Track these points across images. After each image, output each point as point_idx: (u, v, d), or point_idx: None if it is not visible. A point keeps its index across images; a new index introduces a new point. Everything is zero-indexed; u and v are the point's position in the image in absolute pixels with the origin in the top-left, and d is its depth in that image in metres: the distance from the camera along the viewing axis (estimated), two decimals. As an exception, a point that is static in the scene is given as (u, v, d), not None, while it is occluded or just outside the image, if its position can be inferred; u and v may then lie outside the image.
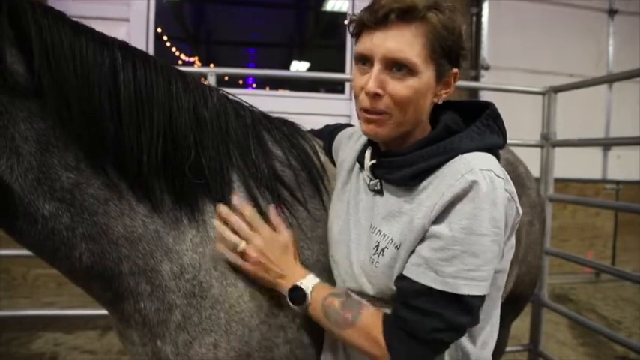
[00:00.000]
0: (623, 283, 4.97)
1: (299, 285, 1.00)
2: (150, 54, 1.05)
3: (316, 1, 9.16)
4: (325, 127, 1.44)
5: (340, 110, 4.57)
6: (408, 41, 0.85)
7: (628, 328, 3.98)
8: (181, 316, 1.02)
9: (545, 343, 2.93)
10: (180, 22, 9.74)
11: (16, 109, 0.86)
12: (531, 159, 2.36)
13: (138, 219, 0.99)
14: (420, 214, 0.87)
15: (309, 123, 1.43)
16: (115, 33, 0.97)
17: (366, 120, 0.91)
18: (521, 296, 1.99)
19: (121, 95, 0.94)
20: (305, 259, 1.13)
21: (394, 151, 0.96)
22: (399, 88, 0.86)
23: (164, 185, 1.01)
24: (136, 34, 4.23)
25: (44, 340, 3.25)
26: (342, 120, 3.85)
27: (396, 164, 0.93)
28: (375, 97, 0.87)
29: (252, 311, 1.05)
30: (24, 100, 0.87)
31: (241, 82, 7.92)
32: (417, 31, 0.85)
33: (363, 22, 0.89)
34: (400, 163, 0.92)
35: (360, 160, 1.05)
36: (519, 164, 1.94)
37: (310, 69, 10.91)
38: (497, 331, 1.01)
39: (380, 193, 0.99)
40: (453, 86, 0.94)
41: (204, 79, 2.44)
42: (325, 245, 1.15)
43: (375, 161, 0.99)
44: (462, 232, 0.83)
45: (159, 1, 4.54)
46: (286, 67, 11.55)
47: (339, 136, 1.29)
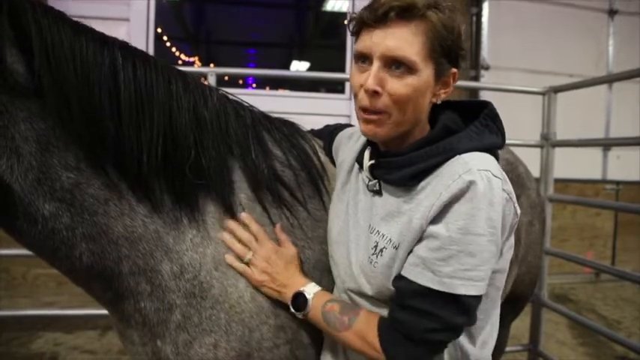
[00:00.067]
0: (622, 283, 4.98)
1: (302, 291, 1.03)
2: (150, 54, 1.05)
3: (316, 1, 9.16)
4: (325, 127, 1.44)
5: (340, 110, 4.57)
6: (407, 39, 0.85)
7: (628, 328, 3.98)
8: (181, 316, 1.02)
9: (545, 343, 2.93)
10: (180, 22, 9.74)
11: (16, 108, 0.86)
12: (531, 159, 2.36)
13: (138, 219, 0.99)
14: (418, 214, 0.87)
15: (309, 123, 1.43)
16: (115, 33, 0.97)
17: (365, 120, 0.91)
18: (521, 296, 1.99)
19: (121, 95, 0.94)
20: (306, 259, 1.13)
21: (393, 152, 0.95)
22: (397, 86, 0.86)
23: (164, 185, 1.01)
24: (136, 33, 4.22)
25: (44, 340, 3.25)
26: (342, 120, 3.85)
27: (395, 164, 0.93)
28: (374, 95, 0.87)
29: (252, 312, 1.05)
30: (24, 100, 0.87)
31: (241, 82, 7.92)
32: (416, 30, 0.85)
33: (362, 20, 0.89)
34: (399, 163, 0.92)
35: (360, 161, 1.05)
36: (519, 164, 1.94)
37: (310, 69, 10.90)
38: (496, 331, 1.01)
39: (379, 193, 0.99)
40: (451, 86, 0.94)
41: (204, 79, 2.44)
42: (326, 245, 1.15)
43: (374, 161, 0.99)
44: (458, 232, 0.83)
45: (159, 1, 4.54)
46: (286, 67, 11.55)
47: (338, 136, 1.29)
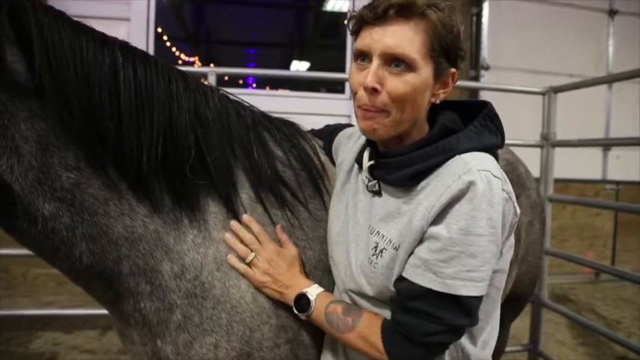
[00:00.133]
0: (622, 283, 4.97)
1: (304, 293, 1.03)
2: (150, 54, 1.05)
3: (316, 1, 9.16)
4: (325, 127, 1.44)
5: (340, 110, 4.56)
6: (407, 37, 0.85)
7: (627, 328, 3.98)
8: (182, 317, 1.02)
9: (545, 343, 2.93)
10: (181, 21, 9.74)
11: (17, 108, 0.86)
12: (531, 159, 2.36)
13: (138, 219, 0.99)
14: (419, 215, 0.87)
15: (309, 123, 1.43)
16: (116, 32, 0.97)
17: (364, 116, 0.91)
18: (521, 296, 1.99)
19: (122, 95, 0.94)
20: (307, 259, 1.13)
21: (392, 152, 0.95)
22: (396, 84, 0.86)
23: (164, 185, 1.01)
24: (136, 33, 4.22)
25: (43, 340, 3.24)
26: (342, 120, 3.86)
27: (394, 165, 0.93)
28: (373, 93, 0.87)
29: (253, 312, 1.05)
30: (24, 100, 0.87)
31: (241, 82, 7.91)
32: (416, 28, 0.85)
33: (362, 19, 0.89)
34: (398, 163, 0.92)
35: (359, 161, 1.05)
36: (519, 164, 1.94)
37: (310, 69, 10.89)
38: (497, 332, 1.01)
39: (378, 193, 0.99)
40: (450, 86, 0.94)
41: (204, 79, 2.44)
42: (327, 245, 1.15)
43: (374, 162, 0.98)
44: (459, 233, 0.83)
45: (159, 1, 4.53)
46: (286, 67, 11.53)
47: (338, 136, 1.29)
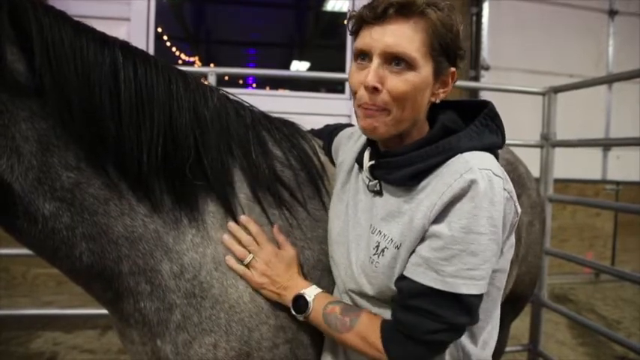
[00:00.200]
0: (622, 283, 4.97)
1: (302, 294, 1.03)
2: (150, 54, 1.05)
3: (316, 1, 9.17)
4: (325, 127, 1.44)
5: (340, 110, 4.57)
6: (407, 36, 0.85)
7: (627, 328, 3.98)
8: (181, 316, 1.02)
9: (545, 343, 2.93)
10: (181, 21, 9.75)
11: (17, 108, 0.86)
12: (531, 159, 2.36)
13: (138, 219, 0.99)
14: (420, 213, 0.87)
15: (309, 123, 1.43)
16: (116, 32, 0.97)
17: (364, 115, 0.90)
18: (521, 296, 1.99)
19: (122, 95, 0.94)
20: (305, 259, 1.13)
21: (393, 152, 0.95)
22: (397, 82, 0.86)
23: (164, 185, 1.01)
24: (137, 33, 4.22)
25: (43, 340, 3.24)
26: (342, 120, 3.85)
27: (395, 164, 0.93)
28: (374, 91, 0.87)
29: (252, 312, 1.05)
30: (25, 100, 0.87)
31: (241, 82, 7.92)
32: (415, 27, 0.86)
33: (362, 18, 0.89)
34: (399, 163, 0.92)
35: (359, 161, 1.05)
36: (519, 164, 1.94)
37: (310, 69, 10.91)
38: (497, 331, 1.01)
39: (379, 193, 0.99)
40: (450, 86, 0.94)
41: (204, 78, 2.44)
42: (326, 245, 1.15)
43: (374, 162, 0.99)
44: (461, 232, 0.83)
45: (159, 1, 4.53)
46: (286, 67, 11.54)
47: (338, 136, 1.29)
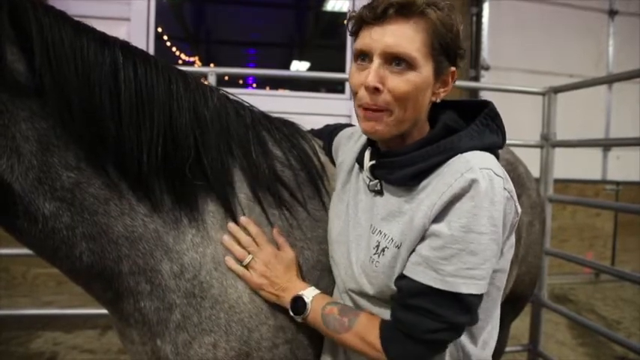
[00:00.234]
0: (622, 283, 4.98)
1: (300, 295, 1.03)
2: (150, 54, 1.05)
3: (316, 1, 9.18)
4: (325, 127, 1.44)
5: (340, 110, 4.57)
6: (407, 36, 0.85)
7: (627, 328, 3.98)
8: (181, 316, 1.02)
9: (545, 343, 2.93)
10: (181, 21, 9.75)
11: (17, 108, 0.86)
12: (531, 159, 2.36)
13: (138, 218, 0.99)
14: (420, 213, 0.87)
15: (309, 123, 1.43)
16: (116, 32, 0.97)
17: (365, 118, 0.91)
18: (521, 296, 1.99)
19: (122, 95, 0.94)
20: (305, 259, 1.13)
21: (394, 151, 0.95)
22: (398, 82, 0.86)
23: (164, 185, 1.01)
24: (137, 33, 4.22)
25: (43, 340, 3.24)
26: (342, 120, 3.85)
27: (396, 164, 0.93)
28: (375, 92, 0.87)
29: (251, 312, 1.05)
30: (25, 99, 0.87)
31: (241, 82, 7.92)
32: (416, 27, 0.86)
33: (361, 19, 0.89)
34: (400, 163, 0.92)
35: (360, 161, 1.05)
36: (519, 164, 1.94)
37: (310, 69, 10.91)
38: (497, 332, 1.01)
39: (380, 193, 0.99)
40: (450, 85, 0.94)
41: (204, 78, 2.44)
42: (325, 245, 1.15)
43: (375, 162, 0.99)
44: (461, 231, 0.83)
45: (159, 1, 4.53)
46: (286, 67, 11.55)
47: (338, 136, 1.29)
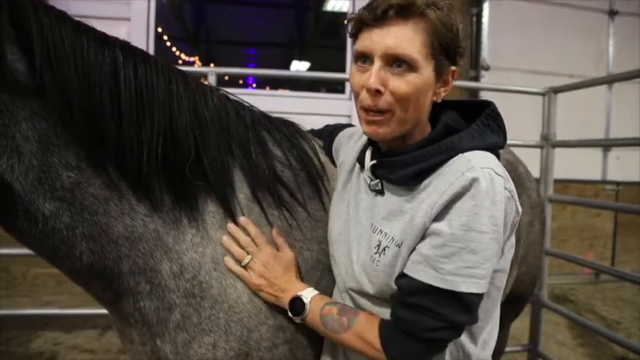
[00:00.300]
0: (622, 283, 4.97)
1: (299, 296, 1.03)
2: (150, 53, 1.05)
3: (316, 1, 9.18)
4: (325, 127, 1.44)
5: (340, 110, 4.57)
6: (407, 37, 0.85)
7: (627, 328, 3.98)
8: (181, 316, 1.02)
9: (545, 343, 2.93)
10: (181, 21, 9.76)
11: (17, 107, 0.86)
12: (531, 159, 2.35)
13: (138, 218, 0.99)
14: (421, 212, 0.87)
15: (309, 123, 1.43)
16: (116, 32, 0.97)
17: (368, 121, 0.91)
18: (521, 296, 1.99)
19: (122, 95, 0.94)
20: (305, 260, 1.13)
21: (395, 151, 0.95)
22: (399, 84, 0.86)
23: (164, 185, 1.01)
24: (137, 33, 4.22)
25: (43, 340, 3.24)
26: (342, 120, 3.85)
27: (397, 164, 0.93)
28: (377, 94, 0.87)
29: (250, 312, 1.05)
30: (25, 99, 0.87)
31: (241, 82, 7.92)
32: (416, 27, 0.86)
33: (361, 20, 0.89)
34: (401, 162, 0.92)
35: (361, 161, 1.05)
36: (519, 164, 1.94)
37: (310, 69, 10.91)
38: (497, 332, 1.01)
39: (381, 192, 0.99)
40: (451, 84, 0.94)
41: (204, 78, 2.44)
42: (325, 246, 1.15)
43: (376, 161, 0.99)
44: (461, 229, 0.83)
45: (159, 1, 4.53)
46: (286, 67, 11.55)
47: (339, 136, 1.29)
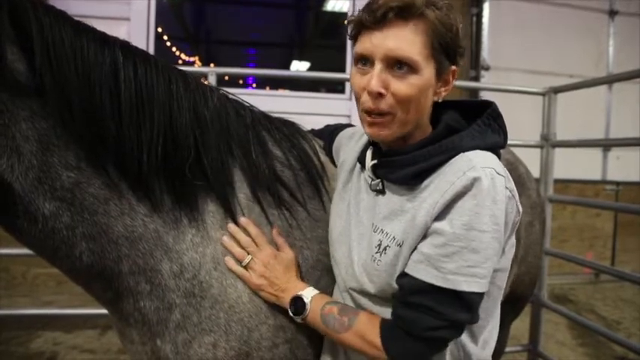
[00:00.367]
0: (622, 283, 4.98)
1: (300, 295, 1.03)
2: (150, 53, 1.05)
3: (316, 1, 9.19)
4: (326, 127, 1.44)
5: (340, 110, 4.57)
6: (408, 39, 0.85)
7: (627, 328, 3.98)
8: (181, 316, 1.02)
9: (545, 343, 2.93)
10: (181, 21, 9.76)
11: (17, 107, 0.86)
12: (531, 159, 2.36)
13: (138, 218, 0.99)
14: (422, 211, 0.87)
15: (309, 123, 1.43)
16: (116, 32, 0.97)
17: (369, 123, 0.91)
18: (521, 296, 1.99)
19: (122, 95, 0.94)
20: (305, 259, 1.13)
21: (396, 151, 0.96)
22: (400, 86, 0.86)
23: (164, 185, 1.01)
24: (137, 33, 4.22)
25: (43, 340, 3.24)
26: (342, 120, 3.85)
27: (398, 163, 0.93)
28: (378, 97, 0.87)
29: (251, 312, 1.05)
30: (25, 99, 0.87)
31: (241, 82, 7.92)
32: (415, 29, 0.86)
33: (361, 23, 0.89)
34: (402, 162, 0.92)
35: (361, 160, 1.05)
36: (519, 164, 1.94)
37: (310, 69, 10.92)
38: (497, 331, 1.01)
39: (382, 192, 0.99)
40: (451, 84, 0.95)
41: (204, 78, 2.44)
42: (325, 245, 1.15)
43: (377, 161, 0.99)
44: (462, 229, 0.83)
45: (159, 1, 4.53)
46: (286, 67, 11.55)
47: (339, 137, 1.29)
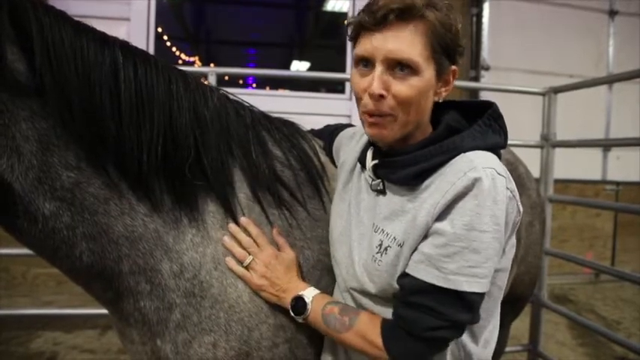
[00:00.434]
0: (622, 283, 4.98)
1: (301, 295, 1.03)
2: (150, 53, 1.05)
3: (316, 1, 9.19)
4: (326, 127, 1.44)
5: (340, 110, 4.57)
6: (408, 41, 0.85)
7: (627, 328, 3.98)
8: (181, 316, 1.02)
9: (545, 343, 2.93)
10: (181, 21, 9.76)
11: (17, 107, 0.86)
12: (531, 159, 2.36)
13: (138, 218, 0.99)
14: (423, 212, 0.87)
15: (309, 123, 1.43)
16: (116, 32, 0.97)
17: (371, 124, 0.91)
18: (521, 296, 1.99)
19: (122, 95, 0.94)
20: (305, 259, 1.13)
21: (396, 151, 0.96)
22: (402, 88, 0.87)
23: (164, 185, 1.01)
24: (137, 33, 4.22)
25: (43, 340, 3.24)
26: (342, 120, 3.86)
27: (399, 164, 0.93)
28: (380, 98, 0.87)
29: (251, 311, 1.05)
30: (25, 99, 0.87)
31: (241, 82, 7.92)
32: (416, 30, 0.86)
33: (361, 24, 0.89)
34: (403, 162, 0.92)
35: (362, 161, 1.05)
36: (519, 164, 1.94)
37: (310, 69, 10.91)
38: (497, 331, 1.01)
39: (382, 192, 0.99)
40: (452, 84, 0.95)
41: (204, 78, 2.44)
42: (326, 245, 1.15)
43: (377, 161, 0.99)
44: (463, 229, 0.83)
45: (159, 1, 4.53)
46: (286, 67, 11.55)
47: (339, 137, 1.29)
